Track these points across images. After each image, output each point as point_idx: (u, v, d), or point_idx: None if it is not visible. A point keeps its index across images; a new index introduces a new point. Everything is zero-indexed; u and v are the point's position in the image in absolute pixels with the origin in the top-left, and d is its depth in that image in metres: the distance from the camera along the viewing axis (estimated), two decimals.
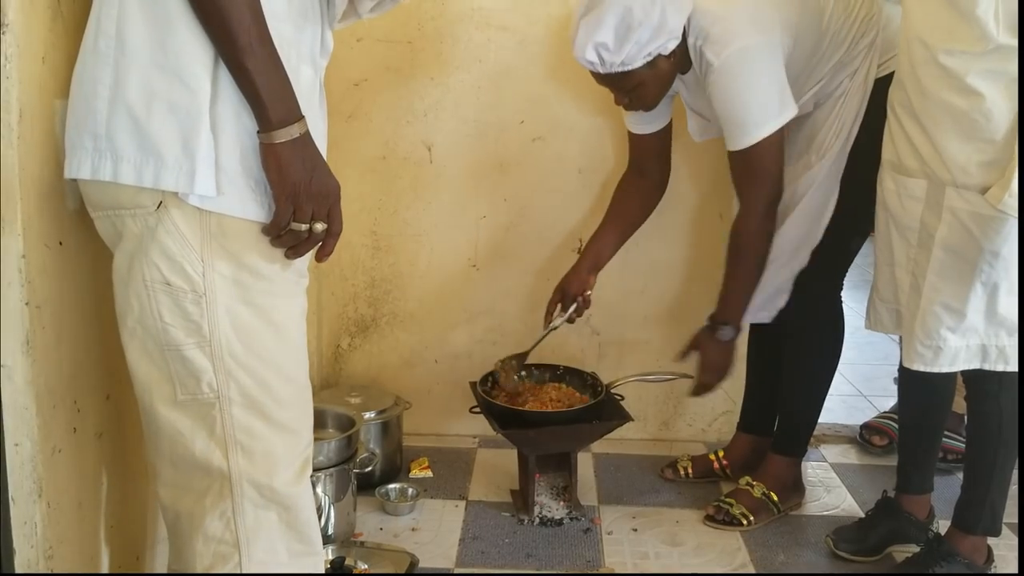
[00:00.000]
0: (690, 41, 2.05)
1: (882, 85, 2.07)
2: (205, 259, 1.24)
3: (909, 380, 2.14)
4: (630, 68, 2.02)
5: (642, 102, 2.15)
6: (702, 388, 2.28)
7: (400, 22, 2.57)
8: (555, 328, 2.39)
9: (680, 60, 2.09)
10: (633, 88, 2.09)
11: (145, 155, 1.19)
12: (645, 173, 2.42)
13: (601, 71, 2.05)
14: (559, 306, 2.39)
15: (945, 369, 1.88)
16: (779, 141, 2.06)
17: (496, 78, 2.61)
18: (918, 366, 1.89)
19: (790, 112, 2.04)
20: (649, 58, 2.01)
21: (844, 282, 2.34)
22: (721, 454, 2.55)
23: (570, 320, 2.39)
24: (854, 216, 2.16)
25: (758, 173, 2.09)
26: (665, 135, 2.37)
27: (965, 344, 1.85)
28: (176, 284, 1.23)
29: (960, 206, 1.78)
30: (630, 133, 2.38)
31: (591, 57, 2.00)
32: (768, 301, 2.26)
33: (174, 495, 1.34)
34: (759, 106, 2.02)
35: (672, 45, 2.02)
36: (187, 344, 1.26)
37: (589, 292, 2.38)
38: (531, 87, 2.61)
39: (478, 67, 2.60)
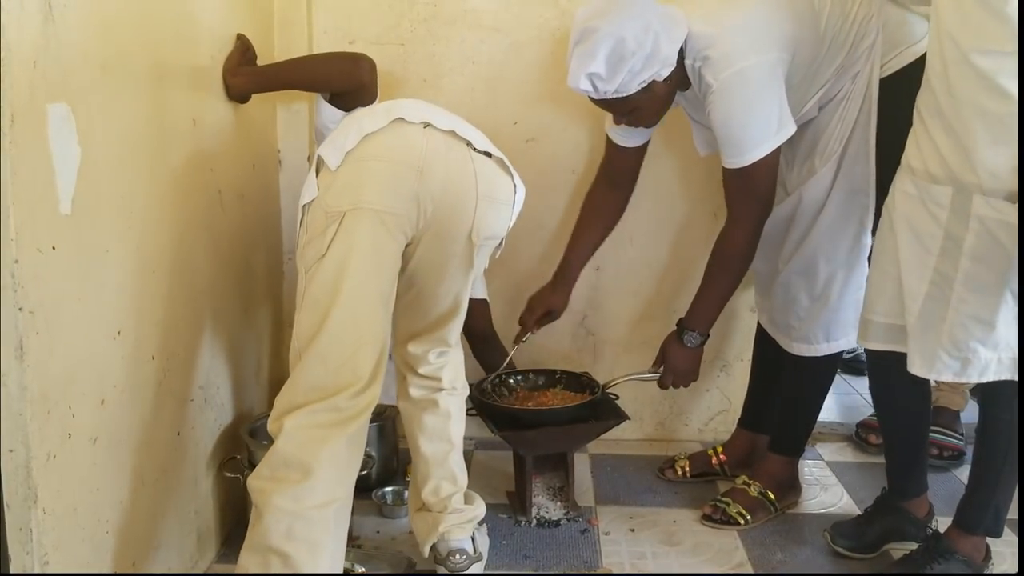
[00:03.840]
0: (688, 62, 2.06)
1: (886, 85, 2.08)
2: None
3: (883, 395, 2.12)
4: (625, 95, 2.03)
5: (641, 123, 2.16)
6: (665, 387, 2.32)
7: (392, 24, 2.57)
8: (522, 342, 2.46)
9: (678, 80, 2.09)
10: (630, 111, 2.10)
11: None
12: (619, 186, 2.43)
13: (596, 97, 2.06)
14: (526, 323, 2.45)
15: (974, 380, 1.82)
16: (775, 161, 2.07)
17: (489, 80, 2.61)
18: (946, 376, 1.83)
19: (788, 131, 2.04)
20: (643, 85, 2.01)
21: None
22: (720, 449, 2.55)
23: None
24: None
25: (751, 191, 2.10)
26: (644, 149, 2.38)
27: (996, 357, 1.79)
28: None
29: (988, 214, 1.71)
30: (610, 145, 2.38)
31: (585, 87, 2.01)
32: (821, 329, 2.26)
33: None
34: (757, 127, 2.02)
35: (666, 72, 2.02)
36: None
37: (555, 311, 2.45)
38: (524, 88, 2.61)
39: (471, 69, 2.60)
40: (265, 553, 1.62)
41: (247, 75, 2.11)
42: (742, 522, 2.28)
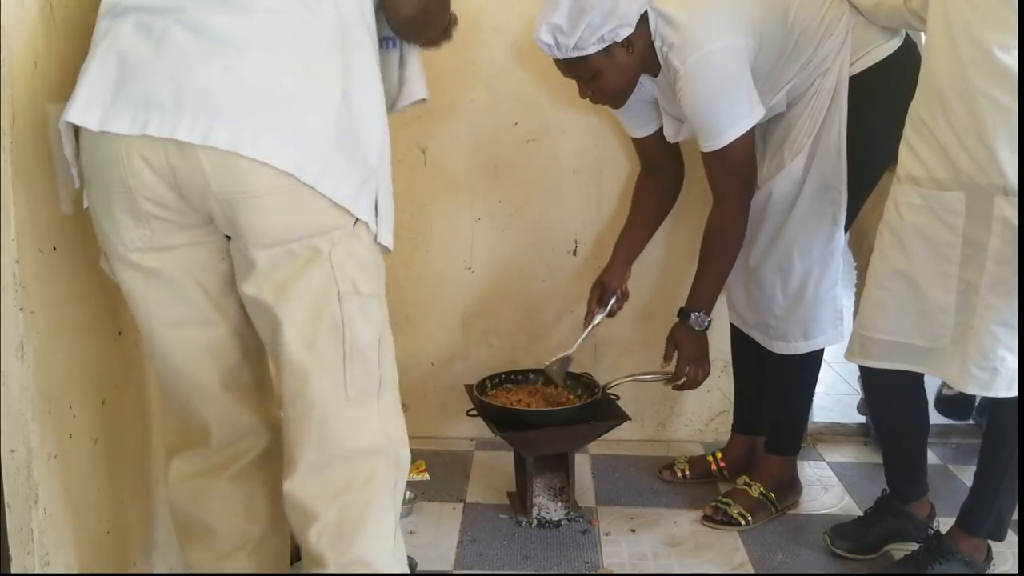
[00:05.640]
0: (656, 45, 2.08)
1: (852, 84, 2.10)
2: (379, 268, 1.40)
3: (880, 408, 2.11)
4: (585, 53, 2.05)
5: (604, 94, 2.17)
6: (686, 383, 2.30)
7: None
8: (597, 325, 2.39)
9: (644, 58, 2.10)
10: (592, 77, 2.11)
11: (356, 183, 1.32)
12: (656, 170, 2.45)
13: (558, 55, 2.08)
14: (598, 303, 2.40)
15: (1002, 393, 1.76)
16: (750, 140, 2.10)
17: (489, 80, 2.61)
18: (973, 389, 1.77)
19: (758, 112, 2.07)
20: (603, 44, 2.04)
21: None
22: (719, 455, 2.55)
23: (611, 314, 2.41)
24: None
25: (731, 172, 2.12)
26: (662, 136, 2.38)
27: None
28: (366, 292, 1.36)
29: (1012, 215, 1.67)
30: (632, 138, 2.42)
31: (546, 39, 2.04)
32: (798, 328, 2.26)
33: (339, 490, 1.38)
34: (728, 109, 2.04)
35: (624, 32, 2.04)
36: (369, 345, 1.37)
37: (626, 285, 2.42)
38: (525, 88, 2.61)
39: (472, 69, 2.60)
40: None
41: None
42: (743, 523, 2.28)
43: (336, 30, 1.32)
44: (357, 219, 1.33)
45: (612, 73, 2.09)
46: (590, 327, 2.39)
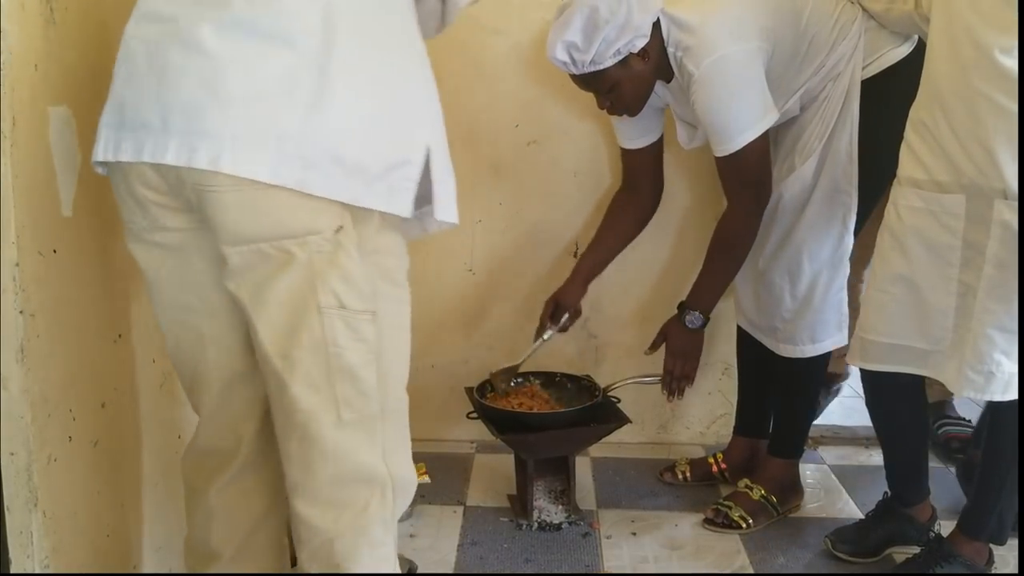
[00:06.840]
0: (670, 51, 2.08)
1: (864, 88, 2.10)
2: (372, 279, 1.34)
3: (879, 410, 2.10)
4: (602, 67, 2.05)
5: (623, 104, 2.17)
6: (672, 380, 2.28)
7: None
8: (547, 340, 2.39)
9: (658, 65, 2.11)
10: (610, 89, 2.11)
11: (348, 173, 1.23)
12: (637, 189, 2.44)
13: (575, 71, 2.08)
14: (550, 319, 2.39)
15: (997, 397, 1.77)
16: (764, 144, 2.09)
17: (490, 82, 2.60)
18: (968, 392, 1.78)
19: (772, 116, 2.07)
20: (619, 56, 2.04)
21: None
22: (720, 457, 2.54)
23: (563, 329, 2.40)
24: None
25: (745, 176, 2.12)
26: (656, 150, 2.39)
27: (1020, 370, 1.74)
28: (354, 307, 1.28)
29: (1011, 219, 1.67)
30: (622, 150, 2.41)
31: (562, 57, 2.04)
32: (806, 331, 2.26)
33: (332, 516, 1.33)
34: (741, 113, 2.04)
35: (640, 43, 2.04)
36: (360, 364, 1.30)
37: (580, 304, 2.41)
38: (526, 91, 2.61)
39: (472, 71, 2.60)
40: None
41: None
42: (744, 526, 2.28)
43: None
44: (341, 226, 1.25)
45: (630, 83, 2.10)
46: (540, 342, 2.38)
